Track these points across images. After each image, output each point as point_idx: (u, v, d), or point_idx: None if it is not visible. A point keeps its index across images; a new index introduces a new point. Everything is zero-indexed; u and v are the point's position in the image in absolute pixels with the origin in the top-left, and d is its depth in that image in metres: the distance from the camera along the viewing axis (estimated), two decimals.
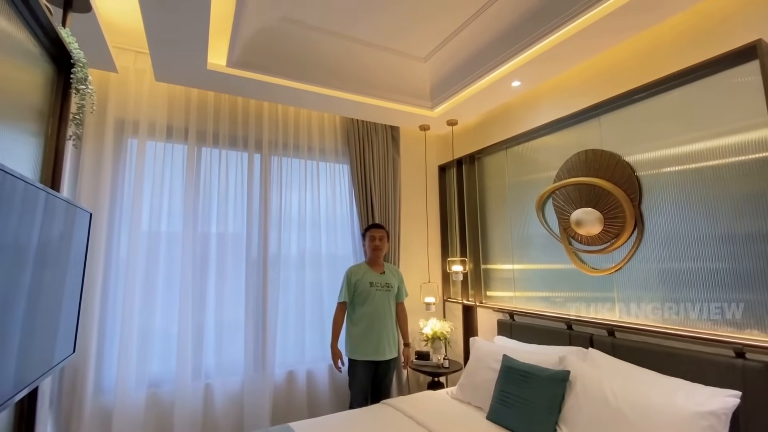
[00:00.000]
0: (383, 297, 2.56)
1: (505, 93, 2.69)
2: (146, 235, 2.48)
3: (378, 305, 2.52)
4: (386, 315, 2.54)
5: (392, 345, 2.54)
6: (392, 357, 2.54)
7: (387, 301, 2.56)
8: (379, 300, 2.54)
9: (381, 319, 2.51)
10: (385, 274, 2.65)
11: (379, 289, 2.57)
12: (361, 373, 2.47)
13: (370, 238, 2.67)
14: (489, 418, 1.99)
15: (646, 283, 2.03)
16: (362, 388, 2.48)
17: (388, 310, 2.55)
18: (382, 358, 2.49)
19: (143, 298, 2.42)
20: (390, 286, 2.60)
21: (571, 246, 2.43)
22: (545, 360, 2.05)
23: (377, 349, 2.48)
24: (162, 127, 2.59)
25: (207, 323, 2.56)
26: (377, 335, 2.48)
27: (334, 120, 3.17)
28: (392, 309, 2.59)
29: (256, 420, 2.54)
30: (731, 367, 1.58)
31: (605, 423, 1.58)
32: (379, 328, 2.50)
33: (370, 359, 2.47)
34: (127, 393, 2.31)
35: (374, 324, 2.49)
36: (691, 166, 1.87)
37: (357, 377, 2.47)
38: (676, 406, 1.45)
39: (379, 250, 2.64)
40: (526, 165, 2.81)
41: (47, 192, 1.17)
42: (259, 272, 2.75)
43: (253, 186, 2.81)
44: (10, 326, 1.02)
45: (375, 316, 2.50)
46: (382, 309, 2.53)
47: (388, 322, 2.54)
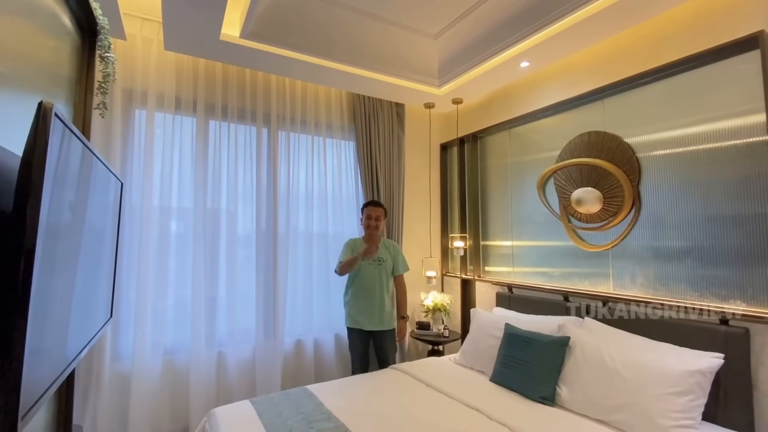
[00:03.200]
0: (373, 271, 2.61)
1: (513, 73, 2.74)
2: (158, 210, 2.50)
3: (368, 279, 2.59)
4: (375, 288, 2.59)
5: (384, 317, 2.59)
6: (385, 328, 2.61)
7: (378, 276, 2.61)
8: (369, 274, 2.60)
9: (370, 293, 2.58)
10: (378, 249, 2.64)
11: (370, 264, 2.61)
12: (356, 341, 2.62)
13: (366, 215, 2.66)
14: (493, 380, 2.16)
15: (640, 258, 2.18)
16: (359, 355, 2.61)
17: (378, 283, 2.60)
18: (374, 328, 2.58)
19: (157, 270, 2.46)
20: (381, 261, 2.63)
21: (570, 224, 2.57)
22: (544, 328, 2.22)
23: (369, 320, 2.57)
24: (170, 98, 2.56)
25: (219, 294, 2.63)
26: (368, 308, 2.57)
27: (341, 96, 3.17)
28: (384, 283, 2.62)
29: (267, 385, 2.67)
30: (715, 333, 1.76)
31: (602, 381, 1.75)
32: (369, 301, 2.57)
33: (360, 328, 2.59)
34: (144, 360, 2.38)
35: (364, 297, 2.58)
36: (688, 149, 1.99)
37: (354, 344, 2.64)
38: (666, 366, 1.62)
39: (373, 230, 2.63)
40: (528, 145, 2.90)
41: (96, 157, 1.19)
42: (269, 248, 2.81)
43: (262, 162, 2.83)
44: (73, 288, 1.07)
45: (364, 289, 2.58)
46: (371, 283, 2.59)
47: (377, 294, 2.59)
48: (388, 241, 2.80)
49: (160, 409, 2.40)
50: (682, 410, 1.52)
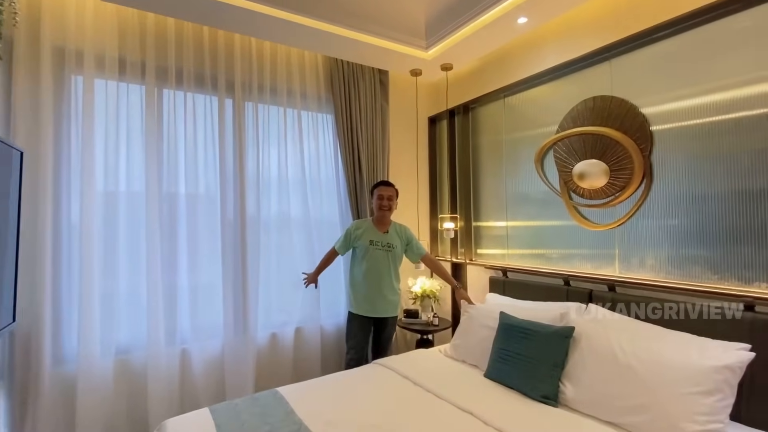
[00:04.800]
0: (382, 257, 2.44)
1: (509, 31, 2.44)
2: (102, 196, 2.16)
3: (375, 264, 2.42)
4: (383, 274, 2.43)
5: (389, 304, 2.46)
6: (389, 315, 2.48)
7: (386, 262, 2.45)
8: (376, 259, 2.43)
9: (377, 278, 2.42)
10: (388, 233, 2.49)
11: (379, 249, 2.44)
12: (357, 327, 2.44)
13: (377, 196, 2.47)
14: (487, 375, 1.93)
15: (651, 238, 1.95)
16: (358, 342, 2.42)
17: (386, 269, 2.44)
18: (377, 315, 2.44)
19: (103, 260, 2.15)
20: (391, 247, 2.46)
21: (572, 200, 2.32)
22: (544, 316, 1.99)
23: (373, 306, 2.42)
24: (113, 60, 2.19)
25: (180, 284, 2.33)
26: (373, 293, 2.41)
27: (316, 60, 2.82)
28: (392, 269, 2.47)
29: (238, 386, 2.40)
30: (739, 320, 1.54)
31: (613, 378, 1.52)
32: (374, 287, 2.41)
33: (365, 315, 2.43)
34: (93, 362, 2.08)
35: (370, 282, 2.41)
36: (710, 119, 1.74)
37: (353, 330, 2.45)
38: (689, 361, 1.40)
39: (386, 210, 2.46)
40: (525, 115, 2.63)
41: None
42: (236, 233, 2.50)
43: (226, 138, 2.49)
44: None
45: (371, 274, 2.42)
46: (379, 268, 2.42)
47: (385, 281, 2.43)
48: (399, 225, 2.58)
49: (114, 417, 2.12)
50: (708, 412, 1.31)
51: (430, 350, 2.43)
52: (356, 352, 2.41)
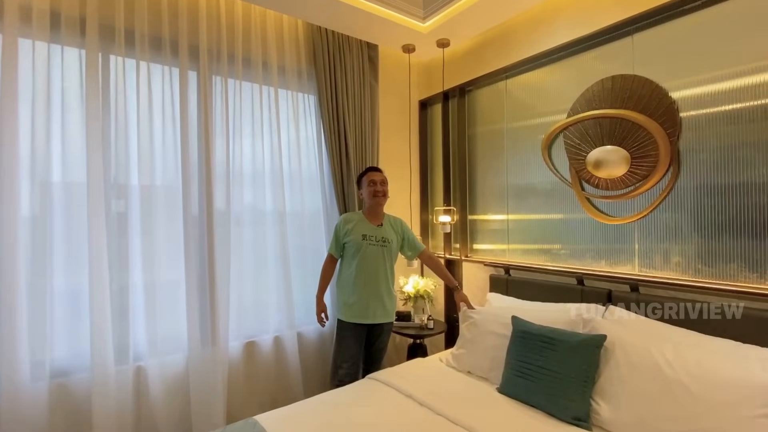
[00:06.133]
0: (377, 253, 2.13)
1: (518, 4, 2.17)
2: (28, 185, 1.73)
3: (369, 262, 2.12)
4: (379, 273, 2.13)
5: (385, 308, 2.16)
6: (385, 321, 2.17)
7: (381, 259, 2.14)
8: (371, 256, 2.12)
9: (372, 278, 2.12)
10: (382, 226, 2.20)
11: (373, 244, 2.13)
12: (348, 338, 2.12)
13: (369, 182, 2.18)
14: (503, 391, 1.68)
15: (678, 232, 1.76)
16: (350, 355, 2.10)
17: (381, 268, 2.14)
18: (372, 321, 2.12)
19: (31, 254, 1.72)
20: (387, 242, 2.17)
21: (584, 191, 2.11)
22: (558, 319, 1.77)
23: (366, 311, 2.11)
24: (42, 14, 1.75)
25: (133, 286, 1.92)
26: (367, 295, 2.11)
27: (297, 28, 2.46)
28: (387, 267, 2.18)
29: (206, 409, 2.03)
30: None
31: (659, 397, 1.31)
32: (369, 288, 2.11)
33: (358, 322, 2.11)
34: (19, 387, 1.67)
35: (363, 282, 2.11)
36: (747, 104, 1.55)
37: (343, 342, 2.13)
38: (752, 377, 1.20)
39: (381, 197, 2.17)
40: (530, 98, 2.39)
41: None
42: (202, 228, 2.12)
43: (189, 119, 2.08)
44: None
45: (365, 273, 2.11)
46: (374, 266, 2.12)
47: (381, 281, 2.14)
48: (393, 218, 2.30)
49: None
50: None
51: (429, 359, 2.17)
52: (351, 367, 2.08)
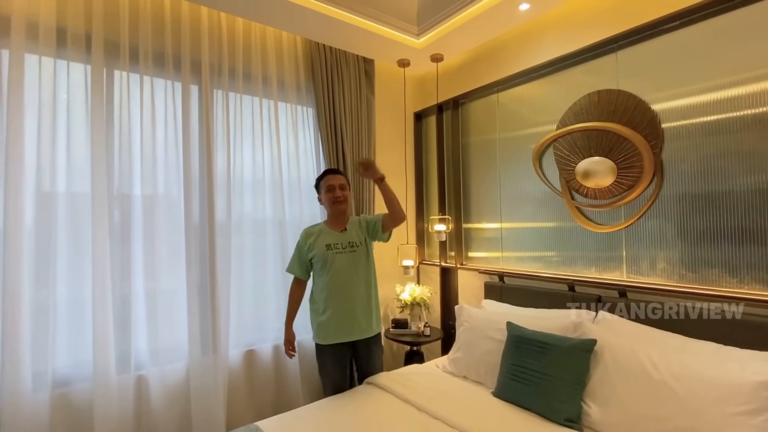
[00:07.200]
0: (347, 261, 1.94)
1: (510, 19, 2.27)
2: (33, 196, 1.78)
3: (342, 272, 1.92)
4: (353, 283, 1.93)
5: (369, 319, 1.97)
6: (372, 334, 1.99)
7: (353, 266, 1.94)
8: (341, 266, 1.92)
9: (347, 290, 1.92)
10: (347, 231, 2.00)
11: (340, 252, 1.94)
12: (329, 364, 1.93)
13: (327, 188, 1.98)
14: (498, 395, 1.74)
15: (663, 239, 1.84)
16: (333, 381, 1.93)
17: (355, 275, 1.94)
18: (356, 337, 1.94)
19: (36, 264, 1.76)
20: (355, 245, 1.97)
21: (574, 201, 2.19)
22: (552, 325, 1.84)
23: (348, 327, 1.91)
24: (49, 31, 1.81)
25: (135, 295, 1.96)
26: (346, 310, 1.91)
27: (295, 44, 2.54)
28: (361, 274, 1.97)
29: (207, 417, 2.06)
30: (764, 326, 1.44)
31: (647, 398, 1.37)
32: (344, 301, 1.91)
33: (340, 341, 1.92)
34: (21, 397, 1.69)
35: (339, 296, 1.91)
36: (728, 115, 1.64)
37: (324, 369, 1.95)
38: (732, 376, 1.26)
39: (341, 203, 1.97)
40: (521, 111, 2.48)
41: None
42: (204, 237, 2.17)
43: (191, 131, 2.14)
44: None
45: (339, 286, 1.91)
46: (346, 277, 1.92)
47: (358, 291, 1.94)
48: (357, 218, 2.10)
49: None
50: None
51: (426, 365, 2.22)
52: (334, 390, 1.94)
